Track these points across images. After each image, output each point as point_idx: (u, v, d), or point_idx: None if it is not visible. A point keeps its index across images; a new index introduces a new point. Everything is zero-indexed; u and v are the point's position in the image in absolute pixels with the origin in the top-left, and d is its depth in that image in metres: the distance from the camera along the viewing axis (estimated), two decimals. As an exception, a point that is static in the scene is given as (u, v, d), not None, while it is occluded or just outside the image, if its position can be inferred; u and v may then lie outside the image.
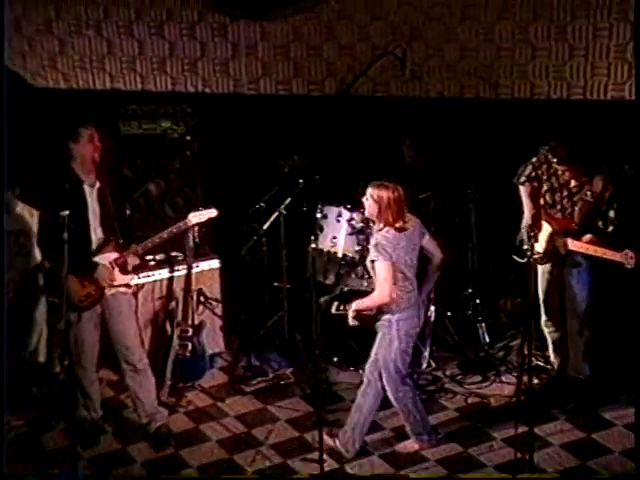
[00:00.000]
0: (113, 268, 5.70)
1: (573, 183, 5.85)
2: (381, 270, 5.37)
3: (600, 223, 5.77)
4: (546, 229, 5.88)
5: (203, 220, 5.95)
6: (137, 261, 5.84)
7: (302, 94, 7.11)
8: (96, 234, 5.70)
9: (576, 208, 5.85)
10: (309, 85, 7.12)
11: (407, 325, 5.49)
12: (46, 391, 6.34)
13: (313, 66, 7.07)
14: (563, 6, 6.37)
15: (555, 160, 5.76)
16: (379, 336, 5.54)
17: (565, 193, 5.89)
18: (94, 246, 5.70)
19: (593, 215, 5.78)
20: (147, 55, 7.32)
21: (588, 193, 5.77)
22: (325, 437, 5.58)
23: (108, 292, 5.74)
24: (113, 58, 7.37)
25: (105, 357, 6.00)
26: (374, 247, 5.44)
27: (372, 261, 5.46)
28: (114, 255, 5.72)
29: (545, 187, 5.94)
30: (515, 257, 5.93)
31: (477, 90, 6.73)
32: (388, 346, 5.50)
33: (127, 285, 5.83)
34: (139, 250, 5.77)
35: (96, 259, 5.67)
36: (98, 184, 5.68)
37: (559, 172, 5.85)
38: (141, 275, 6.26)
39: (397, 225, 5.43)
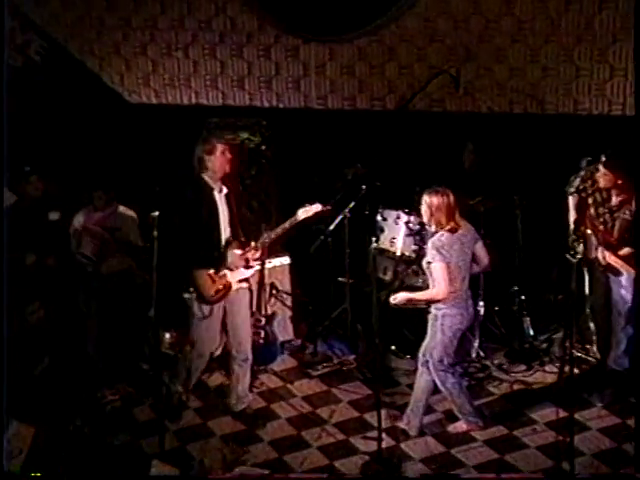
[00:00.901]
0: (241, 261, 5.87)
1: (614, 201, 5.92)
2: (438, 270, 5.48)
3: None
4: (592, 238, 5.97)
5: (310, 215, 5.96)
6: (257, 255, 5.96)
7: (366, 109, 7.23)
8: (225, 234, 5.86)
9: (616, 224, 5.89)
10: (372, 101, 7.24)
11: (451, 321, 5.58)
12: (142, 370, 6.52)
13: (376, 84, 7.20)
14: (605, 30, 6.41)
15: (602, 172, 5.78)
16: (428, 327, 5.70)
17: (607, 209, 5.97)
18: (223, 244, 5.87)
19: (631, 232, 5.80)
20: (228, 74, 7.52)
21: (627, 212, 5.83)
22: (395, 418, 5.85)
23: (233, 287, 5.88)
24: (198, 77, 7.58)
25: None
26: (432, 249, 5.52)
27: (428, 262, 5.54)
28: (239, 251, 5.89)
29: (590, 200, 6.01)
30: (568, 256, 5.58)
31: (525, 106, 6.81)
32: (433, 337, 5.66)
33: (246, 280, 5.96)
34: (259, 246, 5.92)
35: (229, 253, 5.88)
36: (225, 190, 5.83)
37: (602, 188, 5.91)
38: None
39: (447, 227, 5.51)
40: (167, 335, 6.44)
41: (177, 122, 7.21)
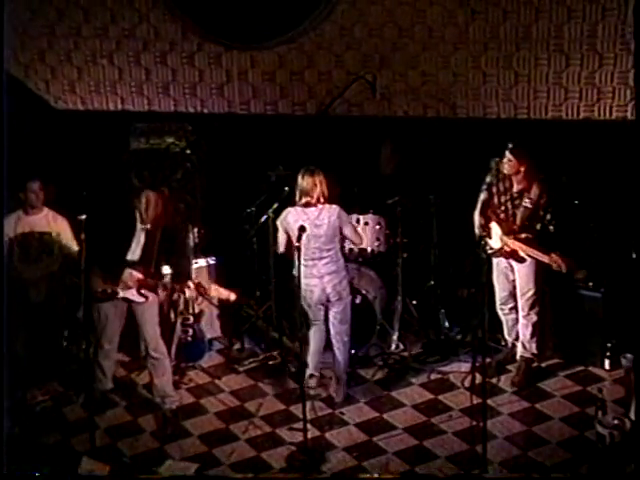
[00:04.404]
0: (135, 282, 5.88)
1: (515, 188, 6.06)
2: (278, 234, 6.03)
3: (538, 226, 5.96)
4: (497, 229, 6.11)
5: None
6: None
7: (287, 114, 7.24)
8: (134, 254, 5.88)
9: (518, 212, 6.03)
10: (293, 106, 7.24)
11: (305, 284, 5.83)
12: (71, 369, 6.46)
13: (296, 90, 7.21)
14: (509, 39, 6.55)
15: (507, 159, 5.92)
16: None
17: (508, 197, 6.09)
18: (128, 259, 5.89)
19: (531, 219, 5.98)
20: (153, 81, 7.45)
21: (527, 200, 5.98)
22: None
23: (119, 294, 5.91)
24: (124, 83, 7.50)
25: (121, 342, 6.20)
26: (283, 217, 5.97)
27: None
28: (139, 276, 5.86)
29: (495, 190, 6.14)
30: (478, 251, 5.85)
31: (437, 110, 6.88)
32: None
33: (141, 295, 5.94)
34: (158, 284, 5.90)
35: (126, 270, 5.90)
36: (149, 226, 5.84)
37: (506, 175, 6.04)
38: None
39: (300, 202, 5.91)
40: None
41: (104, 128, 7.16)
